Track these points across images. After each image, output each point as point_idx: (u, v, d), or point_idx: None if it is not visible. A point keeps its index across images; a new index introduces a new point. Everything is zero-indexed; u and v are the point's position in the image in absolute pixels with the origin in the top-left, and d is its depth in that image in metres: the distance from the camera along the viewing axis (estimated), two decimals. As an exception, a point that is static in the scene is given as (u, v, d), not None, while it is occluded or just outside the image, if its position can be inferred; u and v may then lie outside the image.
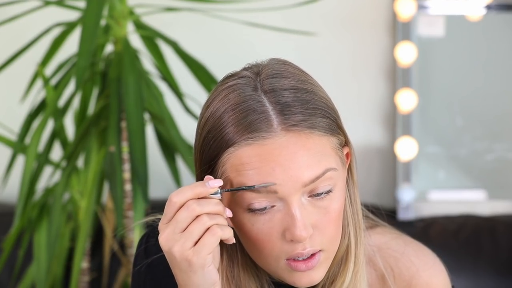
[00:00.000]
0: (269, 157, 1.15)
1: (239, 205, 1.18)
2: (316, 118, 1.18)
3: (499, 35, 2.56)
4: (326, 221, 1.18)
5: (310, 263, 1.19)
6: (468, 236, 2.39)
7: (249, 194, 1.16)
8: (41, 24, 2.22)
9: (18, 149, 2.08)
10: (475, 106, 2.57)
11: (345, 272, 1.25)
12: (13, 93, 2.47)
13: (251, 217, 1.18)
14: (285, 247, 1.18)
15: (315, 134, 1.17)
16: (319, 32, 1.99)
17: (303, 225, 1.16)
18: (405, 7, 2.50)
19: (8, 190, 2.43)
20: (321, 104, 1.19)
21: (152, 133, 2.16)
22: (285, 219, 1.17)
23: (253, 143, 1.15)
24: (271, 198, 1.16)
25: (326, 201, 1.18)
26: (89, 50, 1.84)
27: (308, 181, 1.16)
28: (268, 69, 1.21)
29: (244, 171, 1.16)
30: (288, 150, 1.15)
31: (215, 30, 2.44)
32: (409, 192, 2.49)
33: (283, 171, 1.15)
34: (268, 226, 1.17)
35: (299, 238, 1.16)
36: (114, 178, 1.99)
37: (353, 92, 2.58)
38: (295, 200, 1.16)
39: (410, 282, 1.31)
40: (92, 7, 1.86)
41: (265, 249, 1.18)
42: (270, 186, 1.15)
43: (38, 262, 2.06)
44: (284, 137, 1.16)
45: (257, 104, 1.17)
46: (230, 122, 1.17)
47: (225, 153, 1.17)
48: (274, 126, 1.16)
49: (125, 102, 1.93)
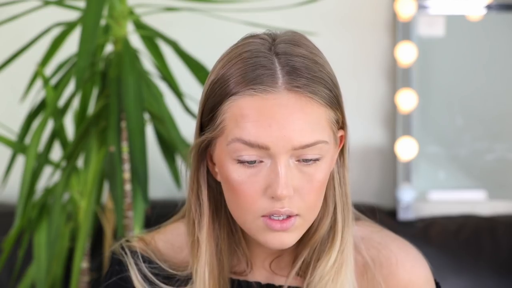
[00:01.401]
0: (267, 112, 1.21)
1: (230, 156, 1.23)
2: (319, 87, 1.23)
3: (499, 35, 2.56)
4: (308, 188, 1.23)
5: (285, 224, 1.23)
6: (468, 236, 2.39)
7: (242, 146, 1.21)
8: (41, 24, 2.22)
9: (18, 149, 2.08)
10: (475, 106, 2.57)
11: (331, 251, 1.30)
12: (13, 93, 2.48)
13: (239, 168, 1.22)
14: (265, 204, 1.22)
15: (315, 101, 1.22)
16: (319, 32, 1.99)
17: (285, 183, 1.21)
18: (405, 7, 2.51)
19: (8, 190, 2.43)
20: (326, 77, 1.24)
21: (152, 133, 2.16)
22: (269, 175, 1.22)
23: (255, 94, 1.21)
24: (262, 153, 1.21)
25: (312, 169, 1.23)
26: (89, 50, 1.84)
27: (298, 146, 1.21)
28: (284, 36, 1.27)
29: (242, 123, 1.21)
30: (286, 109, 1.21)
31: (215, 30, 2.44)
32: (409, 192, 2.49)
33: (278, 129, 1.20)
34: (253, 180, 1.22)
35: (279, 195, 1.20)
36: (114, 178, 1.99)
37: (353, 92, 2.58)
38: (282, 160, 1.21)
39: (392, 272, 1.33)
40: (92, 7, 1.86)
41: (245, 203, 1.23)
42: (263, 141, 1.20)
43: (38, 262, 2.06)
44: (285, 95, 1.21)
45: (267, 62, 1.22)
46: (238, 72, 1.22)
47: (228, 100, 1.22)
48: (278, 83, 1.21)
49: (125, 102, 1.93)
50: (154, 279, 1.35)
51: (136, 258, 1.36)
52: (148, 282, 1.35)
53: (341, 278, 1.29)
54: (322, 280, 1.29)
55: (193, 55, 2.08)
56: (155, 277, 1.35)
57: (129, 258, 1.36)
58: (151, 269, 1.36)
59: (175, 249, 1.39)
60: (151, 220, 2.01)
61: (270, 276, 1.35)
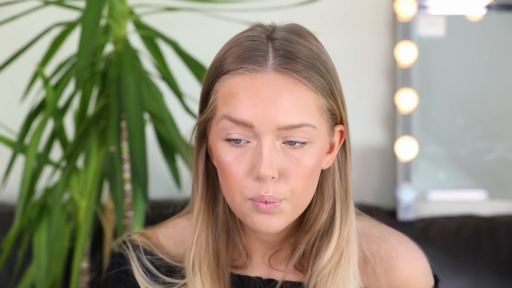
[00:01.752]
0: (254, 91, 1.23)
1: (219, 135, 1.25)
2: (310, 72, 1.24)
3: (499, 35, 2.56)
4: (295, 173, 1.24)
5: (270, 205, 1.23)
6: (468, 236, 2.39)
7: (229, 124, 1.23)
8: (41, 24, 2.22)
9: (18, 149, 2.08)
10: (475, 106, 2.57)
11: (328, 246, 1.31)
12: (13, 93, 2.48)
13: (227, 147, 1.25)
14: (251, 186, 1.23)
15: (304, 84, 1.24)
16: (319, 32, 1.99)
17: (268, 163, 1.22)
18: (405, 7, 2.51)
19: (8, 190, 2.44)
20: (320, 65, 1.26)
21: (152, 133, 2.16)
22: (254, 156, 1.23)
23: (244, 73, 1.24)
24: (248, 132, 1.23)
25: (299, 153, 1.24)
26: (89, 50, 1.84)
27: (282, 126, 1.22)
28: (286, 25, 1.30)
29: (230, 100, 1.24)
30: (273, 89, 1.23)
31: (215, 30, 2.44)
32: (409, 192, 2.49)
33: (263, 108, 1.22)
34: (239, 160, 1.24)
35: (262, 175, 1.21)
36: (114, 178, 1.99)
37: (353, 92, 2.58)
38: (267, 140, 1.23)
39: (392, 266, 1.34)
40: (92, 7, 1.87)
41: (233, 184, 1.24)
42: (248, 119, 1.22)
43: (38, 262, 2.06)
44: (273, 76, 1.23)
45: (261, 45, 1.25)
46: (232, 55, 1.26)
47: (219, 80, 1.26)
48: (268, 64, 1.24)
49: (125, 102, 1.93)
50: (156, 271, 1.36)
51: (138, 252, 1.37)
52: (150, 275, 1.36)
53: (341, 272, 1.30)
54: (321, 274, 1.30)
55: (193, 55, 2.08)
56: (157, 269, 1.36)
57: (130, 252, 1.37)
58: (153, 262, 1.37)
59: (176, 243, 1.40)
60: (151, 220, 2.02)
61: (269, 271, 1.36)
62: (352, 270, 1.31)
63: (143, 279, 1.35)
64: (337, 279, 1.30)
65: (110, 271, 1.39)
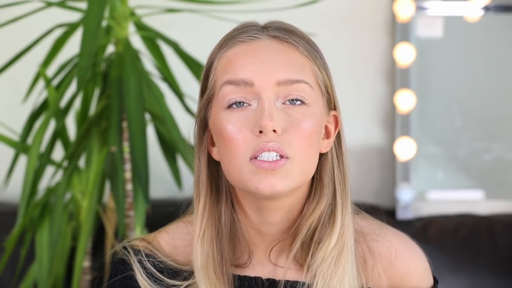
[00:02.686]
0: (252, 53, 1.27)
1: (221, 105, 1.27)
2: (305, 45, 1.30)
3: (497, 36, 2.57)
4: (296, 133, 1.25)
5: (274, 163, 1.24)
6: (466, 235, 2.39)
7: (230, 88, 1.26)
8: (43, 25, 2.23)
9: (20, 149, 2.09)
10: (473, 107, 2.58)
11: (332, 233, 1.31)
12: (15, 93, 2.49)
13: (228, 114, 1.26)
14: (252, 142, 1.24)
15: (298, 49, 1.29)
16: (319, 33, 2.00)
17: (269, 114, 1.24)
18: (404, 8, 2.52)
19: (10, 190, 2.44)
20: (313, 43, 1.31)
21: (153, 133, 2.17)
22: (256, 114, 1.25)
23: (240, 43, 1.28)
24: (248, 92, 1.26)
25: (298, 113, 1.26)
26: (91, 51, 1.85)
27: (282, 80, 1.26)
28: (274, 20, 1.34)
29: (229, 66, 1.28)
30: (270, 49, 1.27)
31: (216, 31, 2.44)
32: (408, 192, 2.50)
33: (261, 65, 1.26)
34: (241, 123, 1.25)
35: (264, 126, 1.23)
36: (115, 177, 2.00)
37: (352, 93, 2.59)
38: (268, 96, 1.25)
39: (390, 263, 1.35)
40: (94, 8, 1.87)
41: (235, 148, 1.25)
42: (248, 76, 1.25)
43: (40, 261, 2.06)
44: (269, 40, 1.29)
45: (257, 25, 1.31)
46: (227, 36, 1.31)
47: (217, 56, 1.30)
48: (264, 33, 1.29)
49: (126, 102, 1.93)
50: (159, 275, 1.35)
51: (140, 256, 1.37)
52: (153, 279, 1.35)
53: (342, 260, 1.30)
54: (324, 262, 1.29)
55: (194, 55, 2.09)
56: (160, 273, 1.36)
57: (132, 257, 1.37)
58: (155, 265, 1.36)
59: (177, 247, 1.40)
60: (152, 220, 2.03)
61: (272, 269, 1.36)
62: (350, 258, 1.31)
63: (147, 283, 1.35)
64: (339, 267, 1.30)
65: (112, 278, 1.39)
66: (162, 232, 1.42)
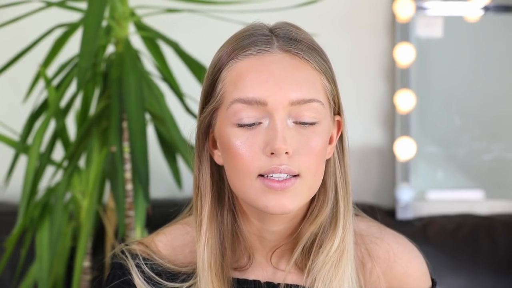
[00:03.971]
0: (264, 69, 1.24)
1: (230, 121, 1.25)
2: (313, 53, 1.27)
3: (497, 36, 2.57)
4: (307, 151, 1.24)
5: (284, 183, 1.23)
6: (466, 235, 2.40)
7: (241, 106, 1.24)
8: (43, 25, 2.23)
9: (21, 149, 2.09)
10: (473, 107, 2.58)
11: (333, 237, 1.30)
12: (16, 93, 2.49)
13: (238, 131, 1.24)
14: (263, 162, 1.23)
15: (309, 63, 1.26)
16: (318, 33, 2.00)
17: (282, 137, 1.22)
18: (404, 8, 2.52)
19: (10, 190, 2.44)
20: (321, 52, 1.29)
21: (153, 133, 2.17)
22: (268, 133, 1.23)
23: (251, 55, 1.25)
24: (260, 111, 1.23)
25: (309, 132, 1.25)
26: (91, 51, 1.85)
27: (295, 100, 1.24)
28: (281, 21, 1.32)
29: (240, 82, 1.24)
30: (282, 65, 1.24)
31: (216, 31, 2.45)
32: (408, 192, 2.50)
33: (275, 83, 1.23)
34: (251, 141, 1.24)
35: (277, 148, 1.22)
36: (115, 177, 2.00)
37: (352, 93, 2.59)
38: (280, 116, 1.23)
39: (388, 265, 1.35)
40: (94, 8, 1.87)
41: (244, 165, 1.23)
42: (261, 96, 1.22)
43: (40, 261, 2.07)
44: (281, 54, 1.25)
45: (264, 32, 1.28)
46: (236, 43, 1.27)
47: (226, 66, 1.26)
48: (274, 45, 1.26)
49: (126, 102, 1.94)
50: (157, 278, 1.34)
51: (138, 260, 1.36)
52: (152, 282, 1.35)
53: (342, 264, 1.30)
54: (325, 266, 1.29)
55: (194, 56, 2.09)
56: (158, 276, 1.35)
57: (129, 261, 1.36)
58: (153, 269, 1.36)
59: (175, 249, 1.39)
60: (152, 219, 2.04)
61: (272, 272, 1.36)
62: (350, 262, 1.31)
63: (145, 286, 1.34)
64: (339, 271, 1.29)
65: (110, 283, 1.38)
66: (159, 234, 1.41)
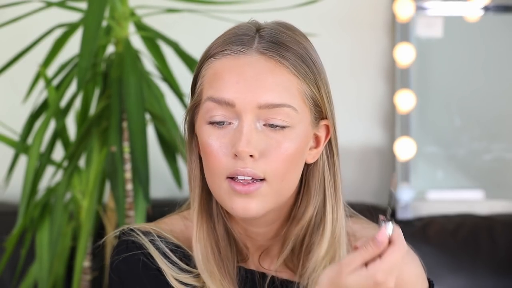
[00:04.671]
0: (237, 71, 1.24)
1: (204, 118, 1.26)
2: (294, 58, 1.26)
3: (497, 36, 2.58)
4: (275, 155, 1.24)
5: (248, 186, 1.23)
6: (466, 235, 2.40)
7: (212, 105, 1.24)
8: (43, 25, 2.23)
9: (21, 149, 2.10)
10: (473, 107, 2.59)
11: (321, 243, 1.29)
12: (16, 93, 2.49)
13: (210, 129, 1.25)
14: (229, 164, 1.23)
15: (285, 67, 1.25)
16: (318, 33, 2.01)
17: (247, 140, 1.22)
18: (404, 8, 2.52)
19: (10, 190, 2.44)
20: (305, 54, 1.27)
21: (153, 133, 2.17)
22: (235, 135, 1.23)
23: (228, 55, 1.26)
24: (229, 113, 1.24)
25: (279, 136, 1.24)
26: (91, 51, 1.86)
27: (263, 104, 1.23)
28: (276, 21, 1.31)
29: (214, 81, 1.25)
30: (255, 68, 1.24)
31: (216, 31, 2.44)
32: (408, 192, 2.50)
33: (244, 86, 1.23)
34: (221, 141, 1.24)
35: (241, 151, 1.21)
36: (115, 177, 2.00)
37: (352, 93, 2.59)
38: (248, 119, 1.23)
39: None
40: (94, 8, 1.88)
41: (213, 165, 1.24)
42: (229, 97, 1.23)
43: (40, 261, 2.07)
44: (256, 56, 1.25)
45: (249, 32, 1.28)
46: (218, 40, 1.29)
47: (206, 63, 1.27)
48: (252, 47, 1.25)
49: (126, 102, 1.94)
50: (173, 256, 1.31)
51: (151, 236, 1.31)
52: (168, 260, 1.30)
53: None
54: (316, 271, 1.28)
55: (194, 56, 2.09)
56: (173, 253, 1.31)
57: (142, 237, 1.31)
58: (168, 246, 1.31)
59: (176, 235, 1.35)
60: (152, 219, 2.04)
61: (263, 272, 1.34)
62: None
63: (162, 260, 1.29)
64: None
65: (123, 253, 1.31)
66: (160, 223, 1.38)
